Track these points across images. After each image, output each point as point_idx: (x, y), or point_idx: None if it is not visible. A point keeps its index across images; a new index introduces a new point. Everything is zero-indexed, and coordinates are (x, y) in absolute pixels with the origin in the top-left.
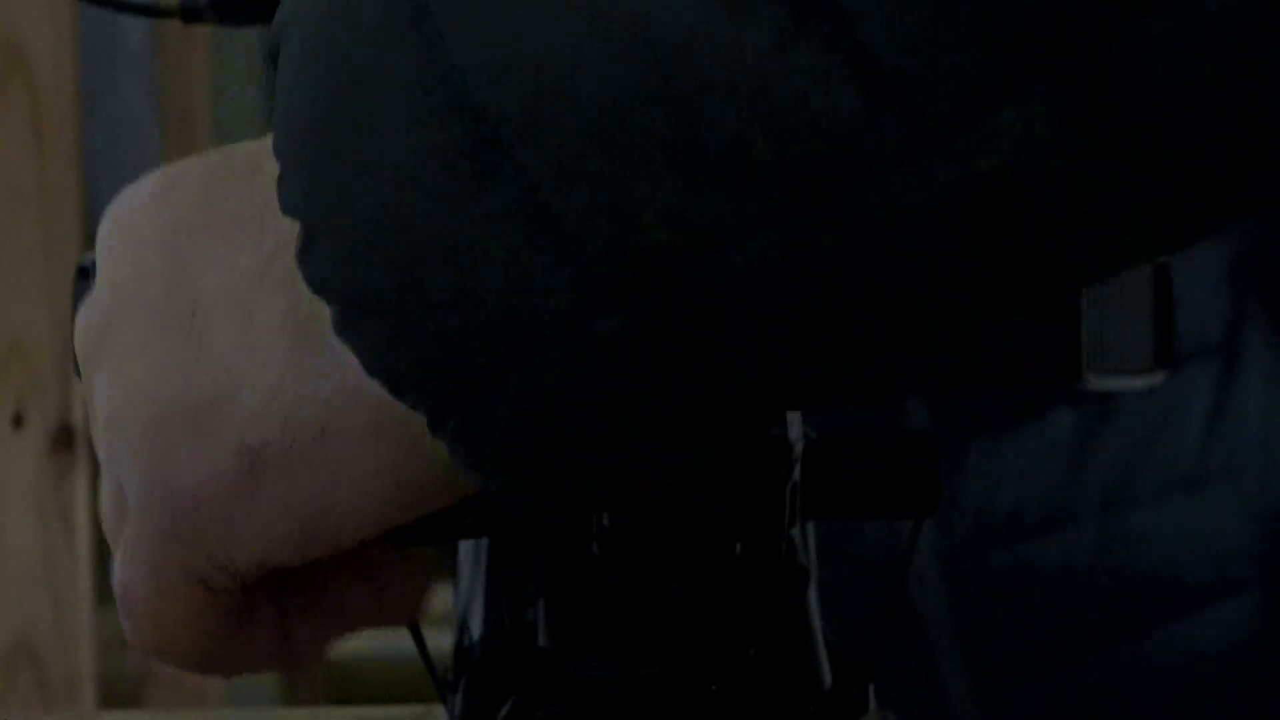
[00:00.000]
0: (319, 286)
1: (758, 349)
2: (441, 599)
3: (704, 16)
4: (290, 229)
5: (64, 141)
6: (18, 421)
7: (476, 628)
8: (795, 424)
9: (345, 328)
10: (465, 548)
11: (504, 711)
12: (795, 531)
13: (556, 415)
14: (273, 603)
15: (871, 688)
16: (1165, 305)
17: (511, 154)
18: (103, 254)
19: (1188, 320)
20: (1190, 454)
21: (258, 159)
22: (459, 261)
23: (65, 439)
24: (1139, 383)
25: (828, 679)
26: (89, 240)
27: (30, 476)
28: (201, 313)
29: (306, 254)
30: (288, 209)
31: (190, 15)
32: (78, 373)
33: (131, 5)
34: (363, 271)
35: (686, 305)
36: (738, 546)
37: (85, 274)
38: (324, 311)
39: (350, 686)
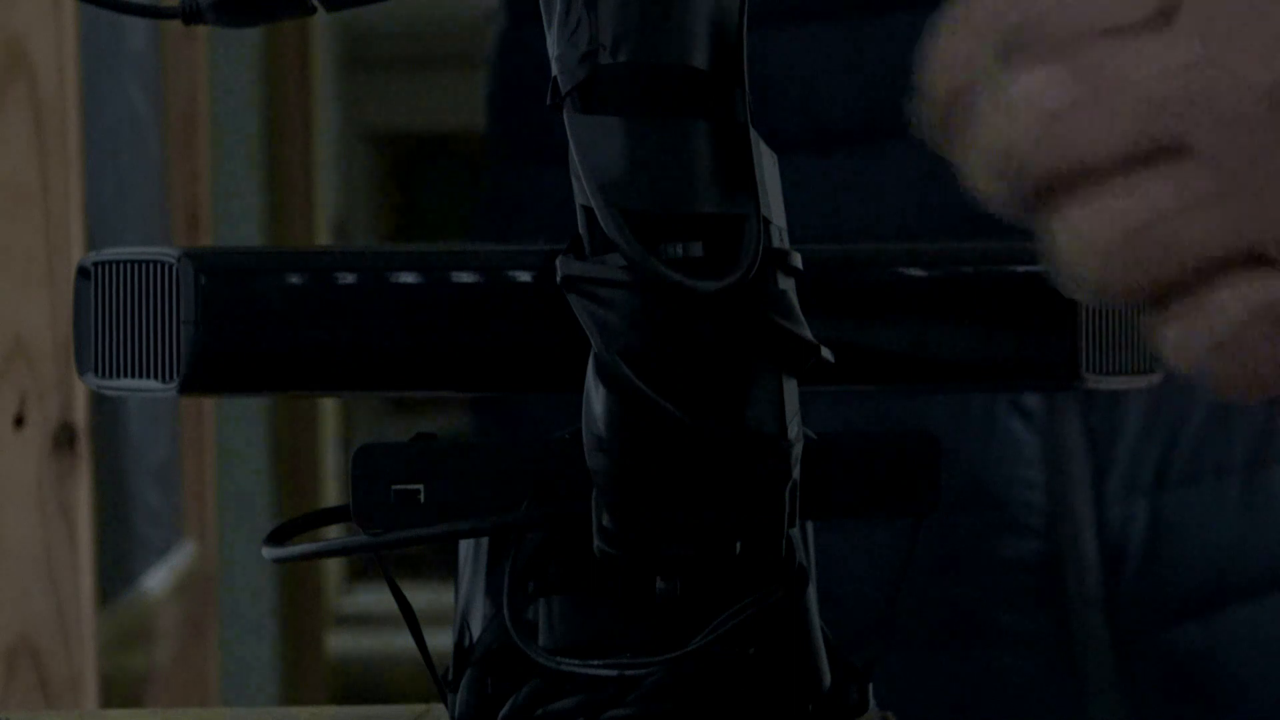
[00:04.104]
0: None
1: None
2: (442, 599)
3: None
4: None
5: (66, 142)
6: (19, 421)
7: (476, 628)
8: (795, 424)
9: None
10: (465, 547)
11: (504, 711)
12: (795, 531)
13: None
14: None
15: (870, 687)
16: None
17: None
18: None
19: None
20: None
21: None
22: None
23: (67, 439)
24: (1138, 382)
25: (827, 679)
26: (91, 240)
27: (32, 476)
28: None
29: None
30: None
31: (191, 16)
32: (79, 372)
33: (132, 6)
34: None
35: None
36: (738, 546)
37: (86, 274)
38: None
39: (350, 686)
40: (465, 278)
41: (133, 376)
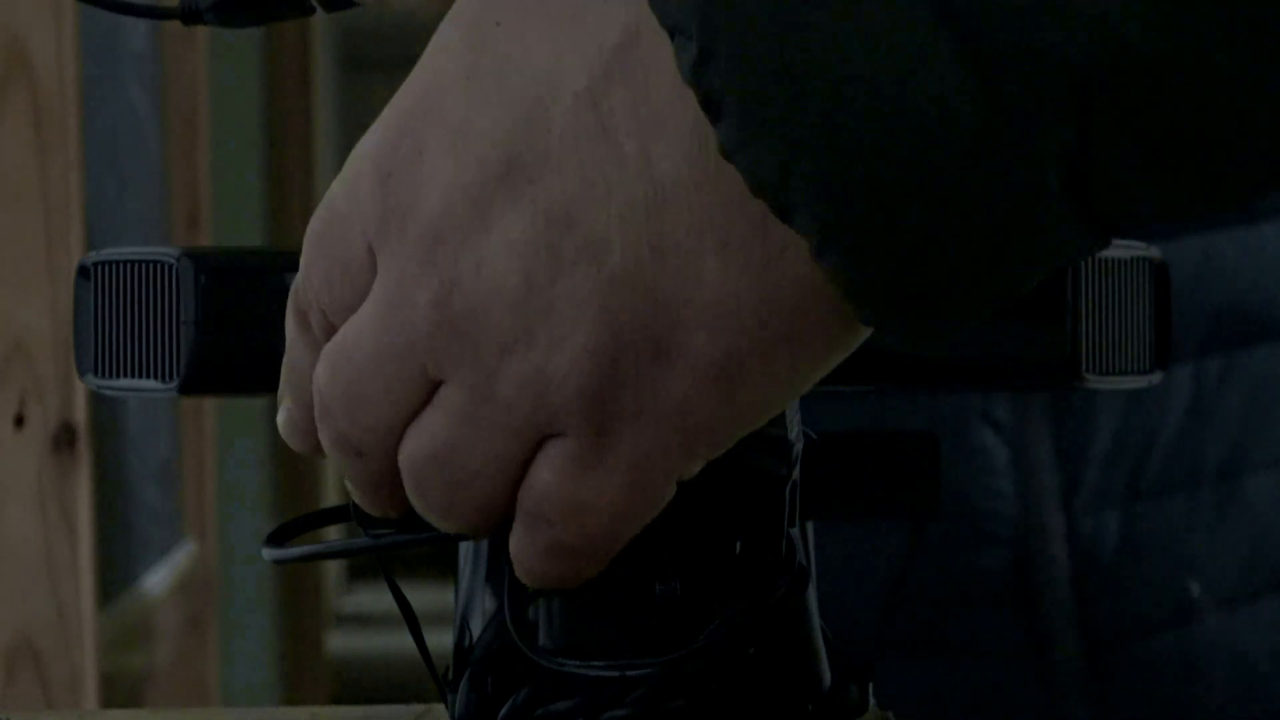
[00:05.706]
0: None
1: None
2: (442, 599)
3: None
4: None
5: (65, 142)
6: (20, 421)
7: (476, 628)
8: (795, 424)
9: (740, 145)
10: (465, 548)
11: (504, 711)
12: (795, 531)
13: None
14: None
15: (871, 687)
16: (1164, 305)
17: None
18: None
19: None
20: None
21: None
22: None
23: (67, 438)
24: (1138, 383)
25: (827, 679)
26: (90, 240)
27: (32, 476)
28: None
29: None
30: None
31: (191, 17)
32: (79, 372)
33: (132, 7)
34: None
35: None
36: (738, 546)
37: (86, 274)
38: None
39: (350, 686)
40: None
41: (132, 376)
